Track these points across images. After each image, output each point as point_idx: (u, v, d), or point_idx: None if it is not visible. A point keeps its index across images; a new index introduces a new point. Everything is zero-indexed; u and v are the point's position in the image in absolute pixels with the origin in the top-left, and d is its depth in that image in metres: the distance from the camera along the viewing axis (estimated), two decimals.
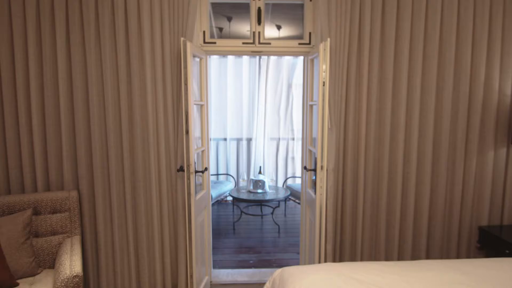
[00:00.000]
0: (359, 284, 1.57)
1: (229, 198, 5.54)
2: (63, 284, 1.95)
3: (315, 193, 2.53)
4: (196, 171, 2.55)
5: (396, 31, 2.58)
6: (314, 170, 2.55)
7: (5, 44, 2.41)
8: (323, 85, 2.40)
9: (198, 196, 2.65)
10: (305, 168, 2.86)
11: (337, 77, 2.56)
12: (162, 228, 2.66)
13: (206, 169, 2.74)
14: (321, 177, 2.46)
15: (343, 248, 2.76)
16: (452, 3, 2.56)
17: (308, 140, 2.92)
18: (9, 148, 2.49)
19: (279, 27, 4.79)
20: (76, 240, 2.42)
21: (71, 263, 2.08)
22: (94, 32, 2.45)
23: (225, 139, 5.61)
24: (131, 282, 2.68)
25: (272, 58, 5.49)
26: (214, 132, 5.58)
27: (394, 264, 1.88)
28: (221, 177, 5.64)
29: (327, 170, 2.50)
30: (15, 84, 2.44)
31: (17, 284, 2.13)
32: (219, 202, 5.57)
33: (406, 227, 2.75)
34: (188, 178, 2.41)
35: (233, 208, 5.26)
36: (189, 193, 2.42)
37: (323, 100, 2.40)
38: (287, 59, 5.52)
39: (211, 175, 5.47)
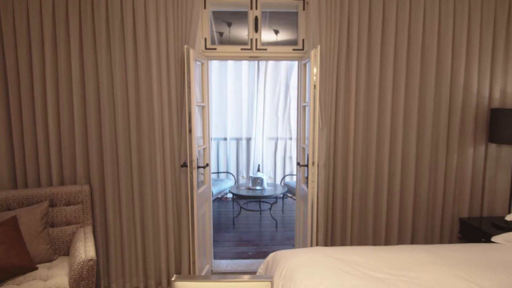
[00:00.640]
0: (339, 262, 1.79)
1: (229, 196, 5.77)
2: (79, 266, 2.18)
3: (307, 187, 2.76)
4: (198, 167, 2.77)
5: (381, 38, 2.81)
6: (307, 166, 2.77)
7: (24, 51, 2.64)
8: (314, 88, 2.62)
9: (200, 190, 2.87)
10: (298, 164, 3.09)
11: (328, 80, 2.79)
12: (166, 219, 2.89)
13: (207, 165, 2.97)
14: (313, 172, 2.69)
15: (334, 238, 2.98)
16: (433, 13, 2.79)
17: (301, 139, 3.15)
18: (26, 146, 2.72)
19: (276, 32, 5.03)
20: (89, 229, 2.65)
21: (86, 249, 2.31)
22: (105, 39, 2.68)
23: (225, 139, 5.84)
24: (138, 268, 2.91)
25: (270, 61, 5.72)
26: (215, 132, 5.81)
27: (377, 248, 2.09)
28: (222, 175, 5.87)
29: (318, 165, 2.73)
30: (33, 87, 2.68)
31: (37, 268, 2.37)
32: (220, 199, 5.80)
33: (392, 219, 2.97)
34: (191, 173, 2.64)
35: (233, 205, 5.49)
36: (191, 187, 2.65)
37: (314, 101, 2.63)
38: (285, 62, 5.75)
39: (212, 173, 5.69)
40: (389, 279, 1.66)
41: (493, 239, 2.27)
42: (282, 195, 5.11)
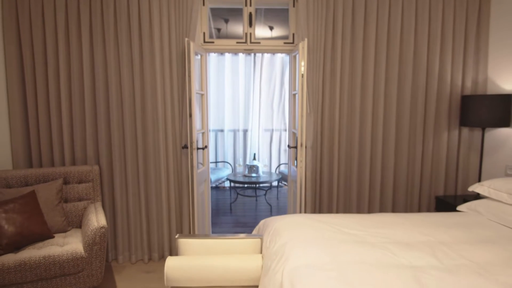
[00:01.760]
0: (320, 222, 2.08)
1: (227, 185, 6.06)
2: (92, 233, 2.46)
3: (297, 168, 3.05)
4: (198, 148, 3.06)
5: (364, 33, 3.10)
6: (296, 147, 3.06)
7: (39, 44, 2.91)
8: (302, 77, 2.91)
9: (199, 170, 3.16)
10: (288, 146, 3.38)
11: (315, 70, 3.08)
12: (169, 197, 3.17)
13: (205, 147, 3.26)
14: (301, 153, 2.98)
15: (321, 213, 3.26)
16: (410, 10, 3.08)
17: (292, 124, 3.43)
18: (41, 130, 3.00)
19: (271, 28, 5.33)
20: (99, 204, 2.93)
21: (97, 219, 2.59)
22: (113, 33, 2.96)
23: (223, 130, 6.13)
24: (142, 242, 3.20)
25: (266, 56, 6.01)
26: (213, 124, 6.09)
27: (356, 215, 2.37)
28: (220, 165, 6.15)
29: (306, 147, 3.02)
30: (47, 76, 2.95)
31: (53, 236, 2.65)
32: (218, 188, 6.09)
33: (374, 197, 3.27)
34: (191, 154, 2.93)
35: (230, 193, 5.78)
36: (192, 166, 2.94)
37: (302, 89, 2.92)
38: (280, 57, 6.04)
39: (211, 162, 5.99)
40: (360, 234, 1.95)
41: (458, 208, 2.56)
42: (277, 183, 5.40)
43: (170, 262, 1.92)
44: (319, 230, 1.97)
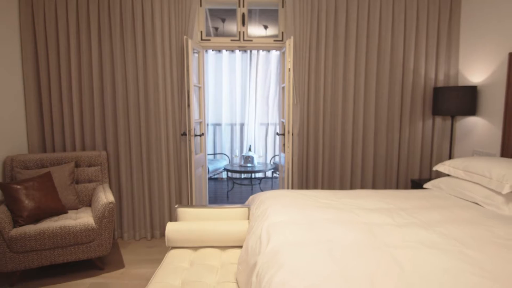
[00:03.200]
0: (301, 195, 2.41)
1: (224, 176, 6.39)
2: (102, 208, 2.80)
3: (285, 153, 3.38)
4: (195, 135, 3.39)
5: (345, 31, 3.42)
6: (284, 134, 3.39)
7: (53, 42, 3.25)
8: (289, 71, 3.24)
9: (197, 156, 3.49)
10: (277, 133, 3.71)
11: (301, 65, 3.40)
12: (169, 180, 3.50)
13: (202, 134, 3.59)
14: (288, 139, 3.31)
15: None
16: (388, 10, 3.40)
17: (281, 114, 3.76)
18: (54, 119, 3.33)
19: (266, 27, 5.67)
20: (106, 186, 3.27)
21: (106, 196, 2.93)
22: (119, 32, 3.29)
23: (220, 124, 6.46)
24: (145, 221, 3.53)
25: (262, 53, 6.34)
26: (211, 118, 6.42)
27: (334, 190, 2.68)
28: (217, 156, 6.48)
29: (292, 134, 3.35)
30: (60, 72, 3.29)
31: (67, 212, 2.98)
32: (216, 179, 6.42)
33: (356, 180, 3.59)
34: (190, 140, 3.26)
35: (227, 184, 6.11)
36: (190, 151, 3.27)
37: (289, 82, 3.24)
38: (275, 54, 6.37)
39: (208, 154, 6.32)
40: (333, 203, 2.28)
41: (425, 185, 2.88)
42: (271, 173, 5.72)
43: (170, 226, 2.25)
44: (298, 199, 2.30)
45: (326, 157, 3.55)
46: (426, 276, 1.29)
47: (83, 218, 2.82)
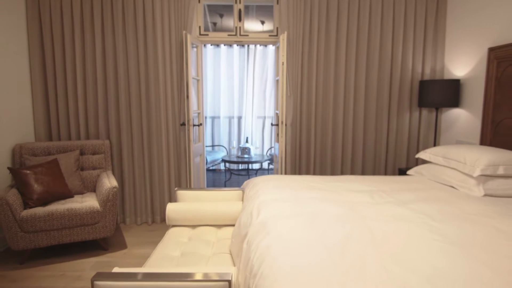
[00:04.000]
0: (291, 179, 2.59)
1: (222, 167, 6.58)
2: (106, 192, 2.99)
3: (279, 142, 3.57)
4: (194, 125, 3.58)
5: (337, 26, 3.60)
6: (277, 125, 3.57)
7: (58, 35, 3.42)
8: (283, 64, 3.42)
9: (195, 145, 3.68)
10: (272, 124, 3.89)
11: (294, 59, 3.58)
12: (169, 168, 3.69)
13: (200, 124, 3.78)
14: (282, 129, 3.49)
15: None
16: (377, 7, 3.57)
17: (276, 106, 3.95)
18: (60, 109, 3.52)
19: (262, 22, 5.83)
20: (110, 172, 3.46)
21: (110, 181, 3.12)
22: (121, 26, 3.46)
23: (218, 117, 6.64)
24: (146, 206, 3.72)
25: (259, 48, 6.50)
26: (209, 111, 6.60)
27: (324, 176, 2.88)
28: (216, 148, 6.68)
29: (286, 124, 3.54)
30: (65, 65, 3.46)
31: (73, 196, 3.18)
32: (214, 171, 6.61)
33: (346, 168, 3.79)
34: (188, 130, 3.45)
35: (225, 175, 6.30)
36: (189, 140, 3.46)
37: (283, 75, 3.43)
38: (272, 49, 6.53)
39: (207, 146, 6.51)
40: (321, 186, 2.47)
41: (408, 172, 3.08)
42: (267, 164, 5.91)
43: (170, 206, 2.44)
44: (289, 182, 2.49)
45: (318, 147, 3.74)
46: (393, 241, 1.49)
47: (88, 202, 3.01)
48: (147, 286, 1.28)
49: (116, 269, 1.43)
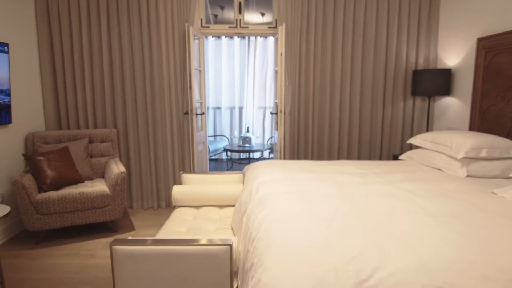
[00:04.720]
0: (289, 163, 2.77)
1: (224, 157, 6.77)
2: (115, 177, 3.17)
3: (278, 130, 3.73)
4: (197, 114, 3.74)
5: (333, 18, 3.73)
6: (276, 113, 3.73)
7: (66, 28, 3.58)
8: (281, 55, 3.57)
9: (198, 133, 3.85)
10: (271, 113, 4.06)
11: (292, 50, 3.73)
12: (173, 156, 3.87)
13: (203, 113, 3.95)
14: (280, 118, 3.66)
15: None
16: (372, 0, 3.71)
17: (275, 95, 4.10)
18: (69, 99, 3.69)
19: (262, 14, 5.96)
20: (117, 159, 3.64)
21: (118, 167, 3.30)
22: (126, 19, 3.61)
23: (220, 108, 6.81)
24: (152, 193, 3.91)
25: (259, 40, 6.63)
26: (211, 102, 6.76)
27: (322, 161, 3.05)
28: (217, 138, 6.86)
29: (284, 113, 3.70)
30: (73, 57, 3.62)
31: (83, 181, 3.37)
32: (216, 160, 6.80)
33: (342, 155, 3.96)
34: (191, 118, 3.62)
35: (227, 164, 6.49)
36: (192, 128, 3.63)
37: (281, 65, 3.58)
38: (272, 40, 6.66)
39: (209, 136, 6.68)
40: (315, 168, 2.64)
41: (400, 157, 3.25)
42: (268, 153, 6.09)
43: (176, 188, 2.62)
44: (286, 166, 2.67)
45: (316, 135, 3.91)
46: (377, 213, 1.67)
47: (98, 186, 3.20)
48: (158, 250, 1.47)
49: (130, 238, 1.61)
